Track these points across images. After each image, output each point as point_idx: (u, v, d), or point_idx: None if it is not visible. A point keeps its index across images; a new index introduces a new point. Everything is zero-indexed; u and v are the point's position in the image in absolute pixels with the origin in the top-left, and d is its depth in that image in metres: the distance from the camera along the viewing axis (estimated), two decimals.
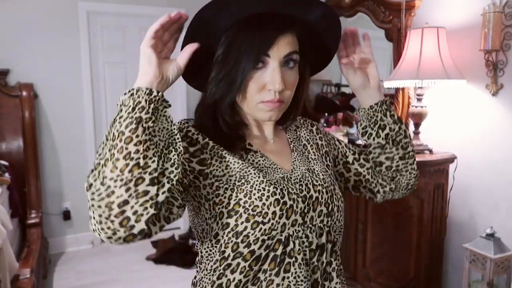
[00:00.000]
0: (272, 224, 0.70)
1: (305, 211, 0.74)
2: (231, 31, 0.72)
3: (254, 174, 0.74)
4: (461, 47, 2.08)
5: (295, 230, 0.73)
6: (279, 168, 0.79)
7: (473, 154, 2.08)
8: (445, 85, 2.07)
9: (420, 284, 2.05)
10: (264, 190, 0.72)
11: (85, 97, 3.32)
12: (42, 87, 3.16)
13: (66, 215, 3.34)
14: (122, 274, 2.89)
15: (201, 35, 0.73)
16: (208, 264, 0.76)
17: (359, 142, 2.28)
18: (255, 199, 0.71)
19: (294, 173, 0.80)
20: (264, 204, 0.70)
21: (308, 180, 0.78)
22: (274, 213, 0.70)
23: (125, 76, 3.50)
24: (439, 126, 2.24)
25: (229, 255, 0.72)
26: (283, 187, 0.74)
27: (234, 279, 0.72)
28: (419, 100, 2.13)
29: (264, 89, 0.73)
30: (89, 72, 3.31)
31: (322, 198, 0.77)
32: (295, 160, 0.83)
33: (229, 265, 0.72)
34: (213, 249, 0.75)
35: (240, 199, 0.72)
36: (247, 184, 0.73)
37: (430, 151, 2.11)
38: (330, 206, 0.77)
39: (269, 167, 0.79)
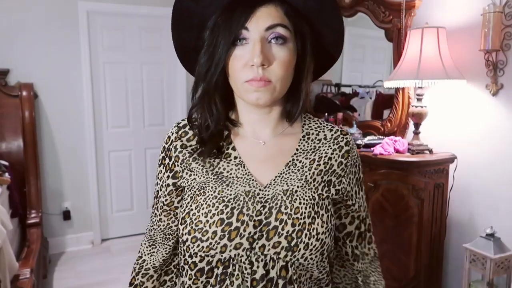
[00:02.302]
0: (211, 243, 0.67)
1: (255, 237, 0.67)
2: (215, 15, 0.70)
3: (212, 186, 0.71)
4: (461, 47, 2.08)
5: (238, 254, 0.67)
6: (252, 181, 0.72)
7: (473, 154, 2.08)
8: (445, 85, 2.07)
9: (420, 284, 2.05)
10: (212, 206, 0.69)
11: (85, 97, 3.32)
12: (42, 87, 3.16)
13: (66, 215, 3.34)
14: (122, 274, 2.89)
15: (185, 27, 0.73)
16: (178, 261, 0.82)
17: (359, 142, 2.28)
18: (201, 214, 0.69)
19: (266, 190, 0.71)
20: (207, 221, 0.68)
21: (276, 204, 0.69)
22: (214, 232, 0.67)
23: (125, 76, 3.50)
24: (439, 126, 2.24)
25: (181, 259, 0.74)
26: (237, 205, 0.69)
27: (186, 282, 0.73)
28: (419, 100, 2.13)
29: (247, 66, 0.67)
30: (89, 72, 3.31)
31: (283, 230, 0.67)
32: (280, 176, 0.73)
33: (183, 268, 0.73)
34: (179, 248, 0.76)
35: (191, 210, 0.71)
36: (202, 196, 0.71)
37: (430, 151, 2.11)
38: (294, 241, 0.67)
39: (239, 178, 0.72)
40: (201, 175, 0.74)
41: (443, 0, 2.18)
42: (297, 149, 0.77)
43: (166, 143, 0.78)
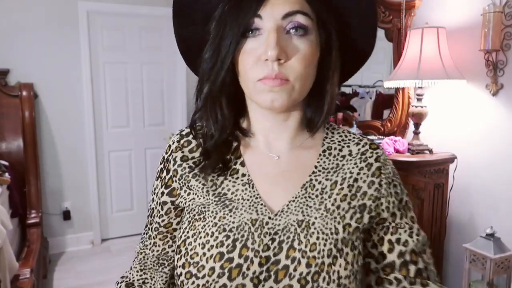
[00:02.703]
0: (208, 281, 0.55)
1: (260, 277, 0.55)
2: (222, 3, 0.60)
3: (213, 211, 0.60)
4: (461, 47, 2.08)
5: None
6: (261, 206, 0.60)
7: (473, 154, 2.08)
8: (445, 85, 2.07)
9: None
10: (211, 236, 0.58)
11: (85, 97, 3.32)
12: (42, 87, 3.16)
13: (66, 215, 3.34)
14: (122, 274, 2.89)
15: (188, 23, 0.64)
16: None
17: None
18: (198, 244, 0.58)
19: (277, 219, 0.59)
20: (204, 254, 0.57)
21: (288, 238, 0.57)
22: (212, 269, 0.55)
23: (125, 76, 3.50)
24: (439, 126, 2.24)
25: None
26: (241, 237, 0.57)
27: None
28: (419, 100, 2.13)
29: (259, 62, 0.56)
30: (89, 72, 3.31)
31: (295, 271, 0.55)
32: (295, 200, 0.60)
33: None
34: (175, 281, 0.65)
35: (187, 237, 0.60)
36: (201, 222, 0.60)
37: (430, 151, 2.11)
38: (309, 286, 0.54)
39: (246, 201, 0.61)
40: (201, 195, 0.62)
41: (443, 0, 2.18)
42: (315, 167, 0.63)
43: (166, 153, 0.68)
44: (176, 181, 0.66)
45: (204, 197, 0.62)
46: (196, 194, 0.63)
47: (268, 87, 0.56)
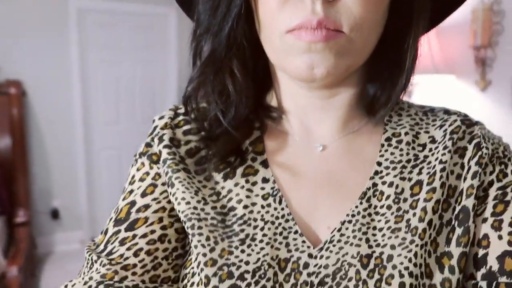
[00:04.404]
0: None
1: None
2: None
3: (208, 237, 0.36)
4: (451, 44, 2.10)
5: None
6: (294, 233, 0.37)
7: None
8: (434, 80, 2.08)
9: None
10: (206, 284, 0.34)
11: (74, 95, 3.28)
12: (31, 85, 3.12)
13: (55, 214, 3.30)
14: None
15: None
16: None
17: None
18: None
19: (323, 256, 0.36)
20: None
21: None
22: None
23: (116, 74, 3.47)
24: None
25: None
26: None
27: None
28: (409, 96, 2.14)
29: (290, 1, 0.34)
30: (79, 70, 3.28)
31: None
32: (352, 220, 0.37)
33: None
34: None
35: (183, 278, 0.38)
36: (193, 255, 0.37)
37: None
38: None
39: (270, 224, 0.37)
40: (189, 199, 0.39)
41: None
42: (379, 164, 0.40)
43: (149, 136, 0.46)
44: (162, 172, 0.42)
45: (193, 205, 0.38)
46: (183, 196, 0.39)
47: (304, 44, 0.34)
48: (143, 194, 0.42)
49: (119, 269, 0.36)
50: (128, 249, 0.38)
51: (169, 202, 0.41)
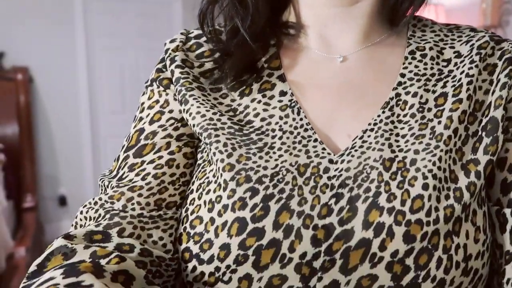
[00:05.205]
0: (218, 269, 0.33)
1: (315, 265, 0.31)
2: None
3: (225, 144, 0.36)
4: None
5: None
6: (314, 141, 0.36)
7: None
8: None
9: None
10: (225, 189, 0.34)
11: (80, 82, 3.29)
12: (37, 71, 3.13)
13: (62, 201, 3.32)
14: None
15: None
16: None
17: None
18: (204, 202, 0.35)
19: (344, 161, 0.35)
20: (212, 221, 0.34)
21: (368, 191, 0.33)
22: (225, 247, 0.32)
23: (121, 61, 3.48)
24: None
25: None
26: (279, 193, 0.33)
27: None
28: None
29: None
30: (85, 57, 3.28)
31: (384, 249, 0.31)
32: (374, 128, 0.36)
33: None
34: None
35: (192, 190, 0.38)
36: (208, 167, 0.37)
37: None
38: (409, 276, 0.31)
39: (289, 134, 0.37)
40: (205, 113, 0.39)
41: None
42: (403, 75, 0.40)
43: (160, 62, 0.45)
44: (176, 93, 0.42)
45: (209, 117, 0.38)
46: (199, 110, 0.39)
47: None
48: (151, 122, 0.43)
49: (126, 191, 0.38)
50: (137, 174, 0.39)
51: (175, 129, 0.42)
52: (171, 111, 0.42)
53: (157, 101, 0.43)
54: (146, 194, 0.38)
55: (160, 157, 0.39)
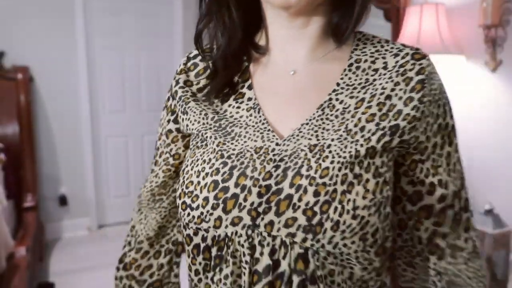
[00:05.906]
0: (202, 213, 0.49)
1: (259, 209, 0.47)
2: None
3: (211, 136, 0.53)
4: (460, 23, 2.07)
5: (235, 232, 0.48)
6: (267, 131, 0.52)
7: (471, 131, 2.07)
8: (443, 60, 2.05)
9: None
10: (207, 163, 0.51)
11: (81, 82, 3.29)
12: (37, 71, 3.13)
13: (63, 200, 3.32)
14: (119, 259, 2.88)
15: None
16: None
17: None
18: (194, 172, 0.52)
19: (285, 145, 0.50)
20: (198, 183, 0.50)
21: (296, 164, 0.47)
22: (206, 199, 0.49)
23: (122, 60, 3.47)
24: None
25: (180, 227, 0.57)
26: (240, 164, 0.49)
27: (187, 260, 0.55)
28: None
29: None
30: (85, 56, 3.28)
31: (300, 200, 0.45)
32: (308, 124, 0.51)
33: (183, 239, 0.55)
34: None
35: (187, 165, 0.54)
36: (202, 149, 0.54)
37: None
38: (317, 217, 0.45)
39: (251, 127, 0.53)
40: (200, 120, 0.56)
41: None
42: (338, 84, 0.52)
43: (173, 79, 0.62)
44: (178, 105, 0.59)
45: (201, 122, 0.56)
46: (195, 118, 0.56)
47: None
48: (160, 137, 0.65)
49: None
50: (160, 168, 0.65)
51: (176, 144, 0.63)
52: (170, 131, 0.65)
53: (168, 120, 0.63)
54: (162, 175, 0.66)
55: (167, 162, 0.65)
